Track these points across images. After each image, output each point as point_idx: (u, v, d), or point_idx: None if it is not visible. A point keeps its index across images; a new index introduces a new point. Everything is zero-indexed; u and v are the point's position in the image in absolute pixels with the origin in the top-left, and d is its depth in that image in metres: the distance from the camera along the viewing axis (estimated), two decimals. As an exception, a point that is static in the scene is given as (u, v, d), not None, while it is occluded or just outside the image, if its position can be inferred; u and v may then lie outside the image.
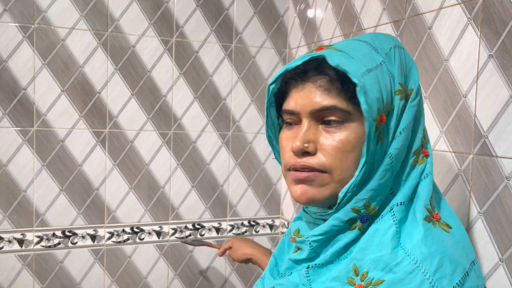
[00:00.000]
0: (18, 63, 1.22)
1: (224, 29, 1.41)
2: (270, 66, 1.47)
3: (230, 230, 1.46)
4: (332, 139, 0.58)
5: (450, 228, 0.58)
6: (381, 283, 0.52)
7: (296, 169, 0.59)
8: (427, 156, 0.62)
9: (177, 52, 1.37)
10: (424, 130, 0.63)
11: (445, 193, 0.86)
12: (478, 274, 0.55)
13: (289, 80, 0.61)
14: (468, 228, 0.81)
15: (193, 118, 1.40)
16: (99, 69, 1.29)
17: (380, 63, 0.58)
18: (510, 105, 0.73)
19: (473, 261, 0.55)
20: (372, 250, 0.55)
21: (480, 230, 0.78)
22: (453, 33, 0.84)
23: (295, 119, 0.61)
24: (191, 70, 1.39)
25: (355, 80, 0.55)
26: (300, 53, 1.43)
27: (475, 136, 0.80)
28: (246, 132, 1.46)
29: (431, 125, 0.90)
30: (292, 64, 0.59)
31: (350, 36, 1.17)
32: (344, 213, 0.58)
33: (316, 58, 0.58)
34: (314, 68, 0.59)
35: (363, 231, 0.58)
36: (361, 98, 0.55)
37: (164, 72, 1.36)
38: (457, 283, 0.51)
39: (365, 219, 0.58)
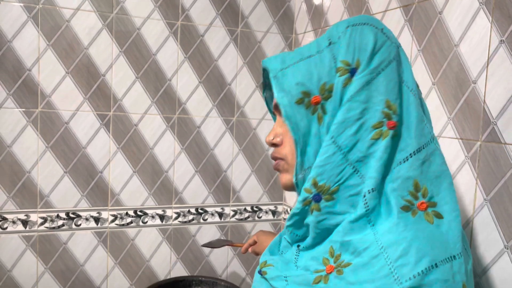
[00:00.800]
0: (23, 44, 1.21)
1: (230, 13, 1.40)
2: (276, 52, 1.46)
3: (233, 216, 1.47)
4: (286, 129, 0.63)
5: (441, 218, 0.55)
6: (348, 265, 0.54)
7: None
8: (392, 127, 0.56)
9: (182, 35, 1.36)
10: (388, 102, 0.56)
11: (451, 180, 0.86)
12: (458, 270, 0.52)
13: None
14: (473, 215, 0.80)
15: (198, 103, 1.39)
16: (104, 51, 1.28)
17: (320, 51, 0.60)
18: (521, 92, 0.72)
19: (453, 256, 0.52)
20: (345, 234, 0.56)
21: (486, 217, 0.78)
22: (464, 18, 0.83)
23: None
24: (196, 54, 1.38)
25: (270, 74, 0.61)
26: (306, 38, 1.41)
27: (484, 123, 0.79)
28: (250, 118, 1.45)
29: (439, 111, 0.89)
30: (263, 63, 0.66)
31: (358, 21, 1.15)
32: (301, 195, 0.60)
33: (263, 65, 0.66)
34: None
35: (318, 210, 0.58)
36: (272, 86, 0.61)
37: (169, 56, 1.35)
38: (419, 272, 0.49)
39: (318, 198, 0.58)
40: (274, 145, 0.66)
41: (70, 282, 1.31)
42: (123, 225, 1.35)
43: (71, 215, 1.30)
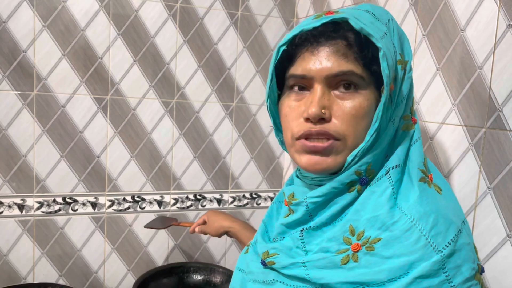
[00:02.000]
0: (18, 25, 1.18)
1: (231, -4, 1.37)
2: (277, 36, 1.43)
3: (232, 202, 1.46)
4: (346, 106, 0.57)
5: (441, 190, 0.59)
6: (378, 241, 0.53)
7: (310, 136, 0.57)
8: (415, 123, 0.62)
9: (181, 18, 1.33)
10: (413, 100, 0.64)
11: (454, 167, 0.84)
12: (468, 233, 0.57)
13: (301, 43, 0.59)
14: (476, 203, 0.79)
15: (197, 88, 1.37)
16: (101, 33, 1.25)
17: (385, 32, 0.58)
18: (528, 77, 0.70)
19: (463, 221, 0.57)
20: (368, 211, 0.56)
21: (488, 205, 0.77)
22: (471, 1, 0.81)
23: (305, 84, 0.59)
24: (195, 38, 1.35)
25: (379, 44, 0.54)
26: (308, 23, 1.39)
27: (489, 110, 0.77)
28: (250, 103, 1.43)
29: (443, 97, 0.87)
30: (308, 26, 0.56)
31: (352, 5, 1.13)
32: (347, 176, 0.58)
33: (332, 20, 0.56)
34: (331, 31, 0.57)
35: (360, 193, 0.59)
36: (384, 64, 0.54)
37: (168, 39, 1.32)
38: (451, 239, 0.53)
39: (365, 181, 0.58)
40: (321, 120, 0.56)
41: (67, 267, 1.30)
42: (120, 210, 1.34)
43: (68, 200, 1.28)
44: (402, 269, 0.51)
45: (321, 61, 0.57)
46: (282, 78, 0.63)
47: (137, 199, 1.35)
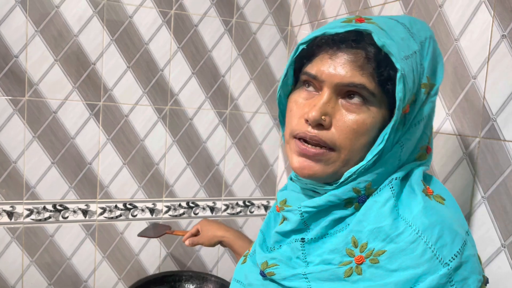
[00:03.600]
0: (10, 29, 1.17)
1: (225, 3, 1.37)
2: (271, 44, 1.44)
3: (225, 210, 1.45)
4: (349, 118, 0.55)
5: (444, 200, 0.58)
6: (383, 253, 0.52)
7: (303, 140, 0.57)
8: (429, 152, 0.62)
9: (175, 25, 1.32)
10: (432, 128, 0.63)
11: (448, 176, 0.84)
12: (472, 243, 0.56)
13: (321, 44, 0.58)
14: (471, 212, 0.79)
15: (190, 94, 1.36)
16: (94, 39, 1.25)
17: (415, 51, 0.56)
18: (522, 88, 0.71)
19: (467, 231, 0.56)
20: (371, 222, 0.55)
21: (483, 214, 0.77)
22: (465, 11, 0.81)
23: (316, 85, 0.58)
24: (189, 45, 1.34)
25: (398, 65, 0.53)
26: (302, 31, 1.39)
27: (483, 119, 0.77)
28: (244, 111, 1.43)
29: (437, 107, 0.87)
30: (332, 30, 0.55)
31: (356, 14, 1.13)
32: (344, 192, 0.57)
33: (356, 30, 0.55)
34: (353, 40, 0.55)
35: (357, 210, 0.58)
36: (399, 86, 0.53)
37: (162, 45, 1.31)
38: (457, 251, 0.52)
39: (363, 199, 0.57)
40: (319, 125, 0.55)
41: (56, 275, 1.28)
42: (112, 218, 1.32)
43: (58, 207, 1.26)
44: (408, 282, 0.50)
45: (336, 67, 0.55)
46: (298, 73, 0.62)
47: (129, 206, 1.33)
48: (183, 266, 1.42)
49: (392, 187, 0.56)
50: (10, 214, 1.22)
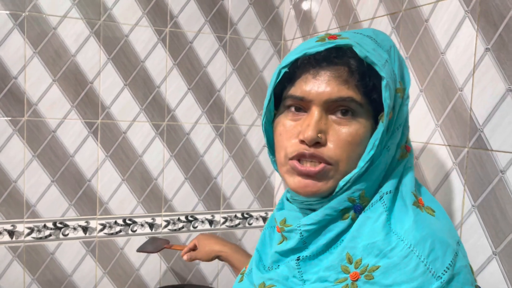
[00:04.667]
0: (9, 52, 1.19)
1: (219, 20, 1.40)
2: (265, 58, 1.46)
3: (223, 223, 1.46)
4: (342, 131, 0.57)
5: (434, 211, 0.59)
6: (377, 269, 0.53)
7: (303, 157, 0.57)
8: (409, 151, 0.63)
9: (171, 42, 1.35)
10: (408, 128, 0.65)
11: (439, 186, 0.86)
12: (463, 254, 0.56)
13: (303, 65, 0.59)
14: (462, 221, 0.81)
15: (187, 110, 1.38)
16: (91, 58, 1.27)
17: (386, 60, 0.58)
18: (506, 99, 0.73)
19: (458, 242, 0.56)
20: (364, 238, 0.55)
21: (474, 223, 0.79)
22: (450, 26, 0.84)
23: (303, 105, 0.59)
24: (185, 61, 1.37)
25: (382, 74, 0.54)
26: (295, 45, 1.42)
27: (471, 130, 0.80)
28: (240, 124, 1.45)
29: (427, 118, 0.89)
30: (312, 50, 0.56)
31: (346, 29, 1.16)
32: (339, 202, 0.58)
33: (336, 46, 0.56)
34: (334, 56, 0.56)
35: (354, 221, 0.58)
36: (386, 93, 0.55)
37: (158, 63, 1.34)
38: (449, 264, 0.52)
39: (359, 208, 0.58)
40: (316, 143, 0.56)
41: (58, 292, 1.29)
42: (112, 234, 1.33)
43: (59, 225, 1.28)
44: None
45: (321, 85, 0.56)
46: (279, 97, 0.63)
47: (128, 222, 1.35)
48: (184, 280, 1.43)
49: (384, 202, 0.57)
50: (11, 233, 1.23)
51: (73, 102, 1.26)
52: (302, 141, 0.57)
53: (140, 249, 1.21)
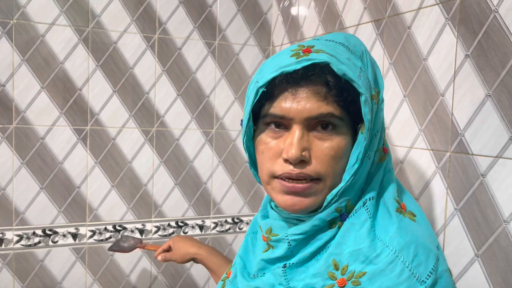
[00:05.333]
0: (-4, 59, 1.19)
1: (208, 26, 1.41)
2: (254, 64, 1.48)
3: (214, 228, 1.47)
4: (325, 146, 0.57)
5: (415, 216, 0.60)
6: (363, 275, 0.54)
7: (289, 178, 0.58)
8: (386, 153, 0.64)
9: (160, 49, 1.36)
10: (385, 130, 0.66)
11: (423, 190, 0.88)
12: (443, 258, 0.58)
13: (280, 83, 0.58)
14: (445, 224, 0.82)
15: (176, 115, 1.39)
16: (80, 65, 1.28)
17: (360, 68, 0.58)
18: (486, 104, 0.75)
19: (437, 246, 0.58)
20: (350, 244, 0.56)
21: (457, 226, 0.80)
22: (431, 33, 0.86)
23: (283, 123, 0.59)
24: (174, 67, 1.38)
25: (361, 90, 0.55)
26: (283, 50, 1.43)
27: (452, 134, 0.81)
28: (230, 129, 1.46)
29: (410, 123, 0.91)
30: (289, 68, 0.56)
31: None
32: (328, 214, 0.58)
33: (312, 63, 0.56)
34: (312, 73, 0.56)
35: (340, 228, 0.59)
36: (366, 109, 0.55)
37: (147, 69, 1.35)
38: (432, 268, 0.54)
39: (345, 217, 0.59)
40: (300, 162, 0.57)
41: (47, 300, 1.29)
42: (102, 240, 1.33)
43: (48, 232, 1.28)
44: None
45: (301, 102, 0.56)
46: (257, 113, 0.62)
47: (118, 228, 1.35)
48: (174, 285, 1.43)
49: (368, 209, 0.58)
50: (0, 241, 1.23)
51: (61, 109, 1.27)
52: (286, 160, 0.57)
53: (112, 248, 1.16)
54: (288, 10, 1.40)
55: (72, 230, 1.30)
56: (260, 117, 0.62)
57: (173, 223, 1.41)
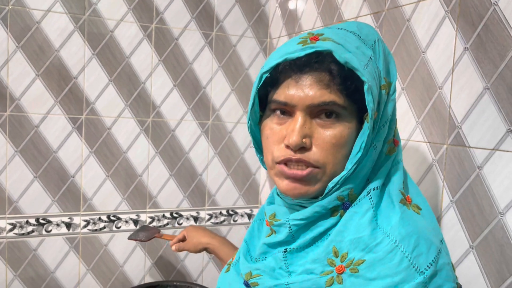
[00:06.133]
0: (-9, 45, 1.18)
1: (205, 17, 1.40)
2: (251, 56, 1.47)
3: (209, 219, 1.46)
4: (327, 134, 0.57)
5: (420, 209, 0.61)
6: (362, 262, 0.54)
7: (289, 164, 0.58)
8: (397, 145, 0.64)
9: (156, 38, 1.35)
10: (396, 122, 0.65)
11: (419, 182, 0.88)
12: (446, 252, 0.58)
13: (284, 70, 0.59)
14: (441, 216, 0.83)
15: (172, 106, 1.38)
16: (75, 53, 1.26)
17: (370, 57, 0.58)
18: (483, 97, 0.75)
19: (441, 240, 0.58)
20: (351, 232, 0.57)
21: (452, 218, 0.81)
22: (430, 25, 0.86)
23: (287, 110, 0.60)
24: (170, 58, 1.37)
25: (364, 78, 0.55)
26: (281, 43, 1.43)
27: (450, 127, 0.82)
28: (226, 121, 1.46)
29: (408, 116, 0.91)
30: (293, 55, 0.56)
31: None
32: (329, 201, 0.59)
33: (315, 51, 0.56)
34: (315, 61, 0.56)
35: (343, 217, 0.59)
36: (369, 97, 0.55)
37: (143, 59, 1.34)
38: (432, 260, 0.54)
39: (347, 206, 0.59)
40: (301, 148, 0.57)
41: (40, 289, 1.28)
42: (95, 230, 1.33)
43: (41, 221, 1.27)
44: None
45: (304, 90, 0.57)
46: (264, 99, 0.64)
47: (112, 218, 1.34)
48: (168, 276, 1.43)
49: (371, 198, 0.58)
50: (-8, 229, 1.22)
51: (56, 97, 1.25)
52: (287, 146, 0.58)
53: (132, 237, 1.22)
54: (286, 3, 1.39)
55: (66, 219, 1.29)
56: (267, 103, 0.62)
57: (167, 214, 1.41)
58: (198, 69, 1.41)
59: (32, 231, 1.26)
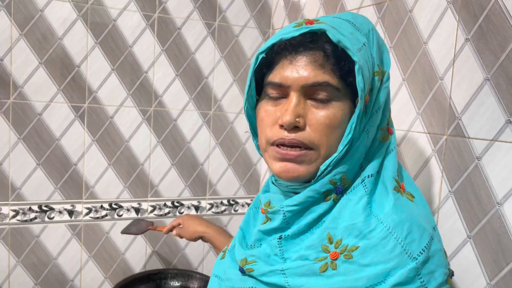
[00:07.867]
0: (-6, 33, 1.18)
1: (208, 7, 1.40)
2: (253, 46, 1.47)
3: (209, 209, 1.48)
4: (320, 115, 0.58)
5: (414, 197, 0.61)
6: (356, 249, 0.55)
7: (283, 145, 0.59)
8: (391, 133, 0.65)
9: (159, 28, 1.35)
10: (390, 111, 0.66)
11: (418, 172, 0.89)
12: (439, 239, 0.59)
13: (280, 51, 0.59)
14: (439, 206, 0.84)
15: (174, 96, 1.39)
16: (78, 42, 1.27)
17: (364, 43, 0.59)
18: (484, 88, 0.75)
19: (434, 227, 0.59)
20: (345, 219, 0.57)
21: (450, 208, 0.81)
22: (432, 16, 0.86)
23: (282, 92, 0.60)
24: (173, 47, 1.37)
25: (355, 58, 0.55)
26: (283, 34, 1.43)
27: (450, 118, 0.82)
28: (227, 112, 1.46)
29: (408, 106, 0.92)
30: (287, 35, 0.57)
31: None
32: (321, 185, 0.59)
33: (310, 31, 0.57)
34: (309, 41, 0.57)
35: (336, 202, 0.60)
36: (359, 77, 0.56)
37: (146, 48, 1.34)
38: (425, 246, 0.55)
39: (340, 190, 0.60)
40: (295, 128, 0.57)
41: (42, 275, 1.30)
42: (97, 218, 1.34)
43: (44, 208, 1.28)
44: (379, 276, 0.53)
45: (298, 70, 0.57)
46: (261, 83, 0.64)
47: (114, 206, 1.36)
48: (169, 264, 1.44)
49: (365, 185, 0.59)
50: (-5, 215, 1.23)
51: (59, 86, 1.26)
52: (281, 126, 0.58)
53: (125, 231, 1.23)
54: (289, -7, 1.39)
55: (68, 207, 1.31)
56: (263, 87, 0.63)
57: (169, 203, 1.42)
58: (200, 59, 1.41)
59: (35, 218, 1.27)
